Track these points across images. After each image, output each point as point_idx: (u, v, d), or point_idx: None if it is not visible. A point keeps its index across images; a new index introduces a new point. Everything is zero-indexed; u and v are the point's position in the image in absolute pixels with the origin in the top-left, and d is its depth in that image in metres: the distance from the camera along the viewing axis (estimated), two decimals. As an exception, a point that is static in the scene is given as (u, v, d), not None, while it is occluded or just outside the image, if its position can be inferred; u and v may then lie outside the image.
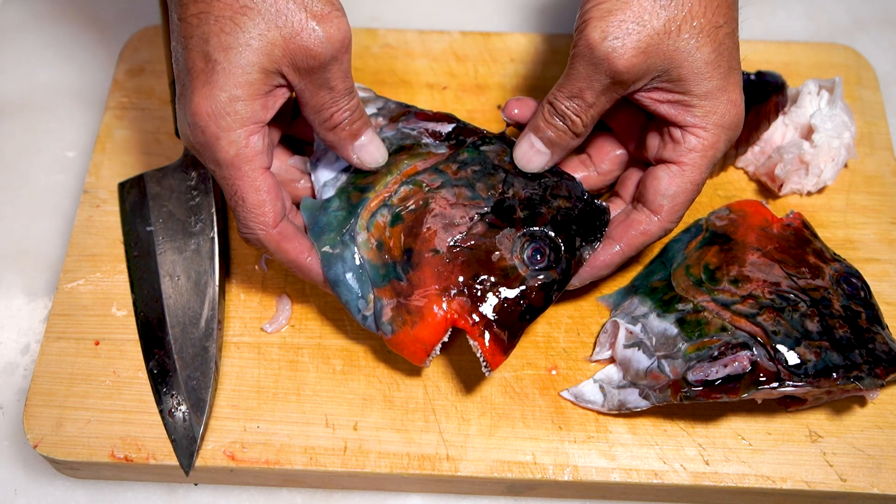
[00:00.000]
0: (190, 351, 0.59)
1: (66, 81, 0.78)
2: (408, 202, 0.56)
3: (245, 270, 0.64)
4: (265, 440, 0.57)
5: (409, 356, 0.55)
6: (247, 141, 0.52)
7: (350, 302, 0.56)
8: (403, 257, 0.55)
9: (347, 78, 0.53)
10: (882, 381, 0.54)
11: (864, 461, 0.56)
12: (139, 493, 0.60)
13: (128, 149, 0.69)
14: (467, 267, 0.55)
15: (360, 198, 0.57)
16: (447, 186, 0.56)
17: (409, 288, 0.55)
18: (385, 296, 0.55)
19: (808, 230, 0.61)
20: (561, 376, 0.59)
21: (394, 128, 0.60)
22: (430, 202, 0.56)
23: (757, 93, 0.67)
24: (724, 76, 0.54)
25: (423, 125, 0.60)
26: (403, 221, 0.56)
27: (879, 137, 0.70)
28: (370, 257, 0.55)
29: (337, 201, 0.57)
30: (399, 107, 0.62)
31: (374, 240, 0.56)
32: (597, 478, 0.56)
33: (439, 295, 0.54)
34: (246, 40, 0.50)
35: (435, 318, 0.54)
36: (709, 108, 0.54)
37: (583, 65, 0.53)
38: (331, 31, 0.51)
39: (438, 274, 0.55)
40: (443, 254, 0.55)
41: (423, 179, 0.57)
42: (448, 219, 0.56)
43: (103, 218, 0.66)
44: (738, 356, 0.54)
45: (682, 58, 0.52)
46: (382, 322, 0.55)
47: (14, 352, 0.65)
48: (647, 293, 0.60)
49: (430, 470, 0.56)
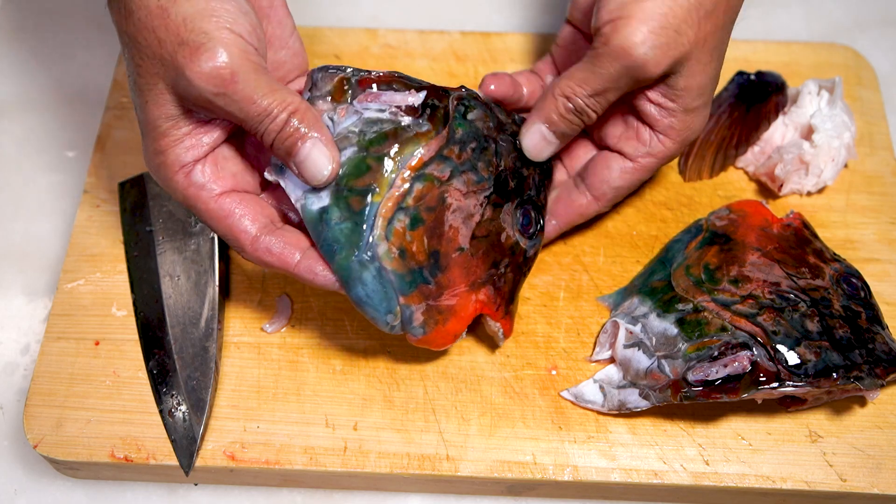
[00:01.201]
0: (190, 351, 0.59)
1: (66, 81, 0.78)
2: (424, 201, 0.52)
3: (245, 270, 0.64)
4: (265, 440, 0.57)
5: (435, 347, 0.55)
6: (187, 182, 0.51)
7: (378, 319, 0.53)
8: (430, 261, 0.52)
9: (251, 103, 0.48)
10: (882, 381, 0.54)
11: (864, 461, 0.56)
12: (139, 493, 0.60)
13: (128, 149, 0.69)
14: (487, 256, 0.55)
15: (362, 203, 0.51)
16: (456, 175, 0.53)
17: (438, 290, 0.53)
18: (413, 302, 0.52)
19: (808, 230, 0.61)
20: (561, 376, 0.59)
21: (348, 112, 0.53)
22: (446, 197, 0.53)
23: (757, 93, 0.67)
24: (710, 96, 0.56)
25: (387, 99, 0.53)
26: (424, 223, 0.52)
27: (879, 137, 0.70)
28: (394, 267, 0.51)
29: (336, 211, 0.51)
30: (327, 74, 0.54)
31: (395, 249, 0.51)
32: (597, 478, 0.56)
33: (469, 291, 0.54)
34: (148, 93, 0.49)
35: (467, 312, 0.54)
36: (688, 121, 0.55)
37: (613, 66, 0.52)
38: (202, 69, 0.47)
39: (466, 271, 0.54)
40: (467, 250, 0.54)
41: (433, 172, 0.52)
42: (465, 211, 0.54)
43: (103, 218, 0.66)
44: (738, 356, 0.54)
45: (694, 71, 0.53)
46: (413, 327, 0.53)
47: (14, 352, 0.65)
48: (647, 293, 0.60)
49: (430, 470, 0.56)
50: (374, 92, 0.53)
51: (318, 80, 0.54)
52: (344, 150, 0.52)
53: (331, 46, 0.74)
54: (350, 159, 0.52)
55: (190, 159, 0.51)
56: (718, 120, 0.67)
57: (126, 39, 0.49)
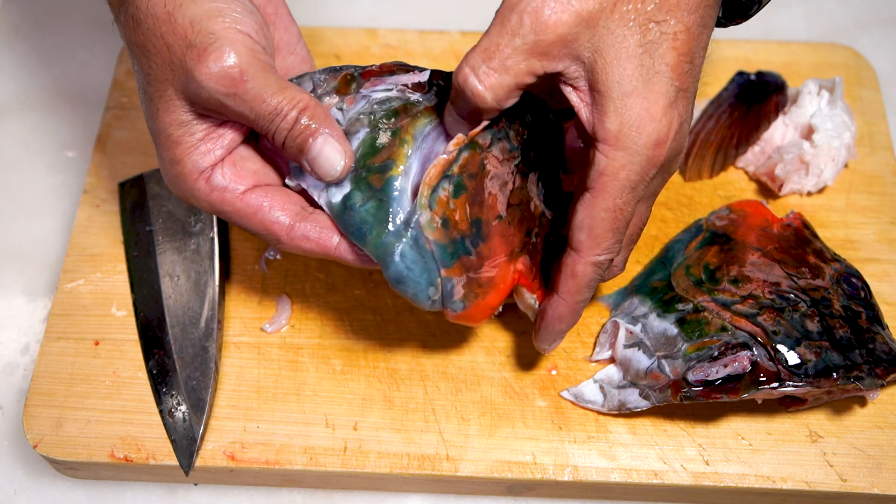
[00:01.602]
0: (190, 351, 0.59)
1: (66, 81, 0.78)
2: (467, 168, 0.50)
3: (245, 270, 0.64)
4: (265, 440, 0.57)
5: (473, 323, 0.54)
6: (209, 187, 0.50)
7: (419, 294, 0.51)
8: (472, 230, 0.51)
9: (261, 102, 0.48)
10: (882, 381, 0.54)
11: (864, 461, 0.56)
12: (139, 493, 0.60)
13: (128, 149, 0.69)
14: (521, 224, 0.53)
15: (382, 179, 0.50)
16: (495, 142, 0.51)
17: (479, 261, 0.51)
18: (454, 274, 0.50)
19: (808, 230, 0.61)
20: (561, 376, 0.59)
21: (357, 98, 0.53)
22: (486, 164, 0.51)
23: (757, 93, 0.67)
24: (645, 80, 0.46)
25: (393, 80, 0.53)
26: (466, 190, 0.50)
27: (879, 137, 0.70)
28: (436, 237, 0.49)
29: (358, 194, 0.50)
30: (329, 74, 0.54)
31: (438, 218, 0.49)
32: (597, 478, 0.56)
33: (508, 261, 0.53)
34: (159, 100, 0.49)
35: (506, 283, 0.53)
36: (623, 118, 0.47)
37: (505, 15, 0.47)
38: (211, 70, 0.46)
39: (505, 240, 0.52)
40: (505, 218, 0.52)
41: (478, 139, 0.50)
42: (500, 178, 0.52)
43: (103, 218, 0.66)
44: (739, 356, 0.54)
45: (610, 43, 0.46)
46: (453, 301, 0.52)
47: (14, 352, 0.65)
48: (647, 293, 0.60)
49: (430, 470, 0.56)
50: (379, 79, 0.53)
51: (321, 81, 0.54)
52: (357, 133, 0.52)
53: (331, 46, 0.74)
54: (363, 140, 0.51)
55: (208, 164, 0.50)
56: (718, 120, 0.67)
57: (136, 50, 0.49)
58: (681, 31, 0.47)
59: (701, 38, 0.49)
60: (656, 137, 0.47)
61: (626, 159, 0.47)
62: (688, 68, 0.48)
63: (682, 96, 0.48)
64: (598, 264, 0.50)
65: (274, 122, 0.49)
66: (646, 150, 0.47)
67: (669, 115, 0.47)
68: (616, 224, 0.49)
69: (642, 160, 0.47)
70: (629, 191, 0.48)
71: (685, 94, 0.48)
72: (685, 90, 0.48)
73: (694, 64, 0.48)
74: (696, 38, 0.48)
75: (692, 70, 0.48)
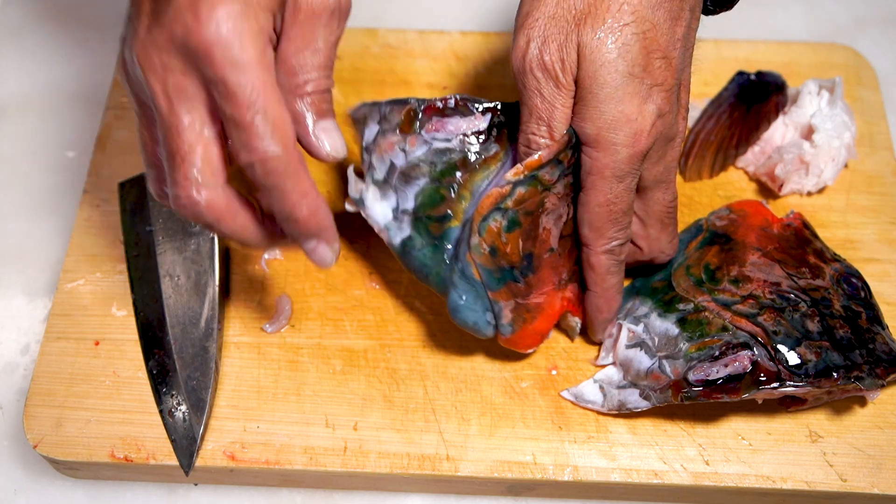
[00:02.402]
0: (190, 351, 0.59)
1: (66, 81, 0.78)
2: (524, 205, 0.53)
3: (245, 270, 0.64)
4: (265, 440, 0.57)
5: (523, 348, 0.57)
6: (265, 49, 0.44)
7: (478, 322, 0.55)
8: (523, 262, 0.54)
9: (332, 50, 0.48)
10: (882, 381, 0.54)
11: (864, 461, 0.56)
12: (139, 493, 0.60)
13: (128, 149, 0.69)
14: (571, 254, 0.56)
15: (441, 228, 0.54)
16: (561, 178, 0.53)
17: (528, 289, 0.54)
18: (501, 298, 0.54)
19: (809, 230, 0.61)
20: (561, 376, 0.59)
21: (418, 142, 0.55)
22: (546, 202, 0.53)
23: (757, 93, 0.67)
24: (618, 84, 0.50)
25: (453, 128, 0.55)
26: (521, 226, 0.53)
27: (879, 137, 0.70)
28: (482, 262, 0.53)
29: (418, 238, 0.55)
30: (394, 106, 0.56)
31: (486, 245, 0.52)
32: (597, 478, 0.56)
33: (556, 289, 0.55)
34: None
35: (554, 310, 0.55)
36: (600, 122, 0.50)
37: (524, 81, 0.52)
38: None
39: (554, 271, 0.55)
40: (556, 251, 0.55)
41: (544, 175, 0.52)
42: (557, 213, 0.54)
43: (103, 218, 0.66)
44: (739, 356, 0.54)
45: (585, 55, 0.50)
46: (502, 324, 0.54)
47: (14, 352, 0.65)
48: (647, 293, 0.60)
49: (430, 470, 0.56)
50: (440, 120, 0.55)
51: (388, 113, 0.56)
52: (417, 180, 0.55)
53: (331, 46, 0.74)
54: (423, 190, 0.54)
55: (271, 38, 0.45)
56: (718, 120, 0.67)
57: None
58: (648, 29, 0.50)
59: (674, 30, 0.51)
60: (633, 134, 0.50)
61: (608, 158, 0.51)
62: (660, 64, 0.51)
63: (657, 90, 0.51)
64: (607, 252, 0.54)
65: (322, 69, 0.48)
66: (625, 148, 0.51)
67: (644, 111, 0.50)
68: (612, 215, 0.53)
69: (623, 156, 0.51)
70: (617, 183, 0.52)
71: (660, 88, 0.51)
72: (660, 84, 0.51)
73: (669, 58, 0.51)
74: (666, 33, 0.51)
75: (666, 65, 0.51)
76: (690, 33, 0.53)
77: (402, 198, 0.55)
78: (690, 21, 0.52)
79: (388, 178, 0.56)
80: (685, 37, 0.52)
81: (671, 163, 0.55)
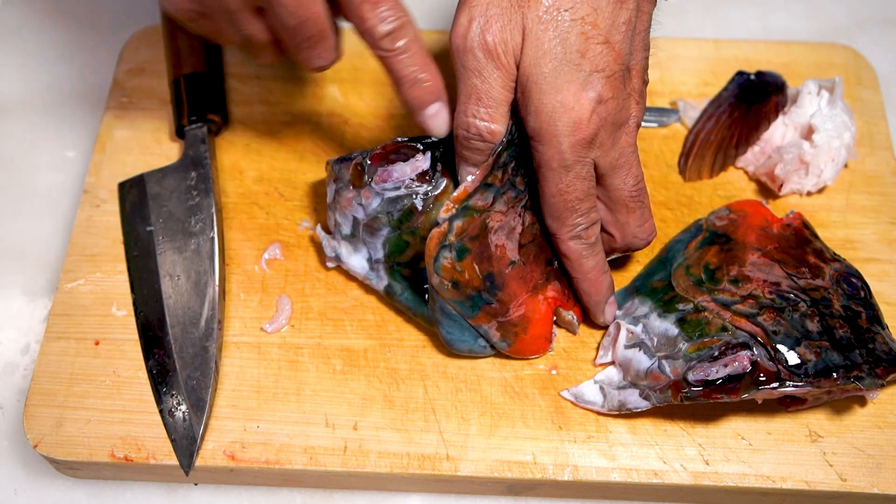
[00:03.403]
0: (190, 351, 0.59)
1: (66, 81, 0.78)
2: (466, 233, 0.54)
3: (245, 270, 0.64)
4: (265, 440, 0.57)
5: (534, 353, 0.58)
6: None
7: (473, 348, 0.58)
8: (486, 283, 0.55)
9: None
10: (882, 381, 0.54)
11: (864, 461, 0.56)
12: (139, 493, 0.60)
13: (128, 149, 0.69)
14: (538, 258, 0.57)
15: (413, 272, 0.57)
16: (498, 198, 0.55)
17: (503, 306, 0.56)
18: (482, 322, 0.56)
19: (808, 230, 0.61)
20: (561, 376, 0.59)
21: (371, 195, 0.57)
22: (488, 223, 0.55)
23: (757, 93, 0.67)
24: (557, 73, 0.50)
25: (398, 176, 0.56)
26: (470, 252, 0.55)
27: (879, 137, 0.70)
28: (450, 297, 0.55)
29: (397, 285, 0.58)
30: (342, 165, 0.58)
31: (447, 282, 0.54)
32: (597, 478, 0.56)
33: (533, 295, 0.56)
34: None
35: (541, 313, 0.57)
36: (540, 115, 0.51)
37: (464, 61, 0.52)
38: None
39: (524, 280, 0.56)
40: (518, 262, 0.56)
41: (476, 202, 0.54)
42: (508, 227, 0.56)
43: (103, 218, 0.66)
44: (739, 356, 0.54)
45: (531, 45, 0.50)
46: (495, 342, 0.57)
47: (14, 352, 0.65)
48: (647, 294, 0.60)
49: (430, 470, 0.56)
50: (385, 169, 0.56)
51: (339, 171, 0.58)
52: (380, 231, 0.57)
53: (331, 46, 0.74)
54: (388, 238, 0.57)
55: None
56: (718, 120, 0.67)
57: None
58: (588, 13, 0.50)
59: (617, 14, 0.51)
60: (573, 123, 0.50)
61: (552, 149, 0.51)
62: (600, 49, 0.50)
63: (596, 77, 0.50)
64: (574, 238, 0.55)
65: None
66: (566, 138, 0.51)
67: (582, 99, 0.50)
68: (567, 203, 0.53)
69: (566, 146, 0.51)
70: (565, 173, 0.52)
71: (600, 75, 0.50)
72: (600, 71, 0.50)
73: (610, 43, 0.50)
74: (607, 17, 0.50)
75: (606, 50, 0.50)
76: (640, 16, 0.52)
77: (372, 248, 0.58)
78: (640, 3, 0.52)
79: (354, 231, 0.58)
80: (630, 20, 0.51)
81: (626, 147, 0.54)
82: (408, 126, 0.70)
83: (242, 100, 0.72)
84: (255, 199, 0.67)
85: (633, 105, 0.54)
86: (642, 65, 0.54)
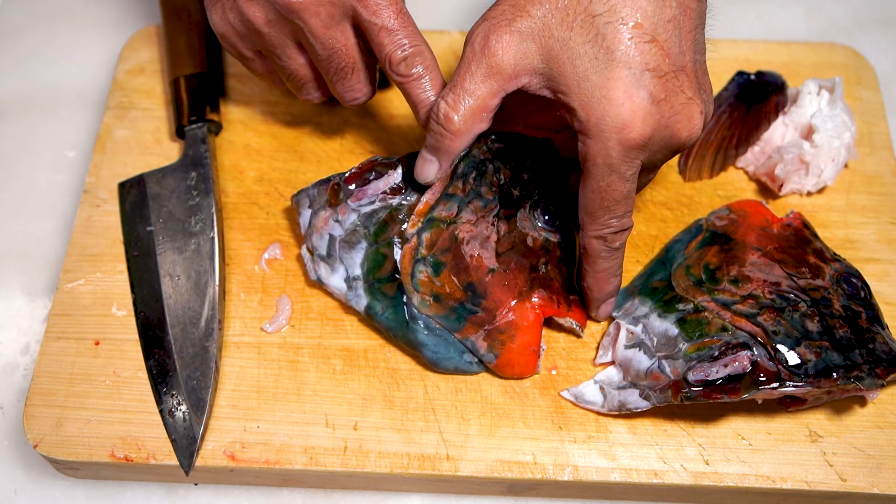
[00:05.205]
0: (190, 351, 0.59)
1: (66, 81, 0.78)
2: (437, 245, 0.56)
3: (245, 270, 0.64)
4: (265, 440, 0.57)
5: (522, 369, 0.57)
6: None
7: (460, 365, 0.57)
8: (468, 293, 0.56)
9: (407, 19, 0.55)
10: (882, 381, 0.54)
11: (864, 461, 0.56)
12: (139, 493, 0.60)
13: (128, 149, 0.69)
14: (520, 265, 0.57)
15: (393, 287, 0.57)
16: (464, 207, 0.56)
17: (489, 314, 0.56)
18: (470, 333, 0.56)
19: (808, 230, 0.61)
20: (561, 376, 0.59)
21: (348, 211, 0.58)
22: (457, 234, 0.56)
23: (757, 93, 0.67)
24: (600, 70, 0.49)
25: (373, 191, 0.58)
26: (446, 265, 0.56)
27: (879, 137, 0.70)
28: (434, 312, 0.56)
29: (377, 304, 0.57)
30: (320, 188, 0.59)
31: (428, 297, 0.56)
32: (597, 478, 0.56)
33: (520, 301, 0.56)
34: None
35: (529, 321, 0.56)
36: (588, 110, 0.49)
37: (463, 53, 0.52)
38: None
39: (506, 287, 0.57)
40: (498, 269, 0.57)
41: (441, 213, 0.56)
42: (479, 236, 0.57)
43: (103, 218, 0.66)
44: (739, 356, 0.54)
45: (557, 49, 0.49)
46: (482, 354, 0.57)
47: (14, 352, 0.65)
48: (647, 294, 0.60)
49: (430, 470, 0.56)
50: (361, 189, 0.58)
51: (316, 195, 0.59)
52: (357, 245, 0.58)
53: (331, 46, 0.74)
54: (367, 254, 0.58)
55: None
56: (718, 120, 0.67)
57: None
58: (628, 14, 0.49)
59: (662, 12, 0.49)
60: (620, 121, 0.49)
61: (599, 145, 0.50)
62: (647, 48, 0.49)
63: (649, 76, 0.49)
64: (599, 238, 0.54)
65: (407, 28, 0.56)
66: (614, 134, 0.49)
67: (632, 97, 0.48)
68: (605, 203, 0.52)
69: (614, 143, 0.49)
70: (609, 172, 0.51)
71: (653, 73, 0.49)
72: (652, 69, 0.49)
73: (658, 41, 0.49)
74: (651, 16, 0.49)
75: (655, 48, 0.49)
76: (687, 13, 0.50)
77: (350, 265, 0.58)
78: (684, 0, 0.50)
79: (330, 250, 0.59)
80: (676, 18, 0.49)
81: (669, 150, 0.53)
82: (408, 126, 0.70)
83: (242, 100, 0.72)
84: (255, 199, 0.67)
85: (696, 114, 0.51)
86: (700, 67, 0.51)
